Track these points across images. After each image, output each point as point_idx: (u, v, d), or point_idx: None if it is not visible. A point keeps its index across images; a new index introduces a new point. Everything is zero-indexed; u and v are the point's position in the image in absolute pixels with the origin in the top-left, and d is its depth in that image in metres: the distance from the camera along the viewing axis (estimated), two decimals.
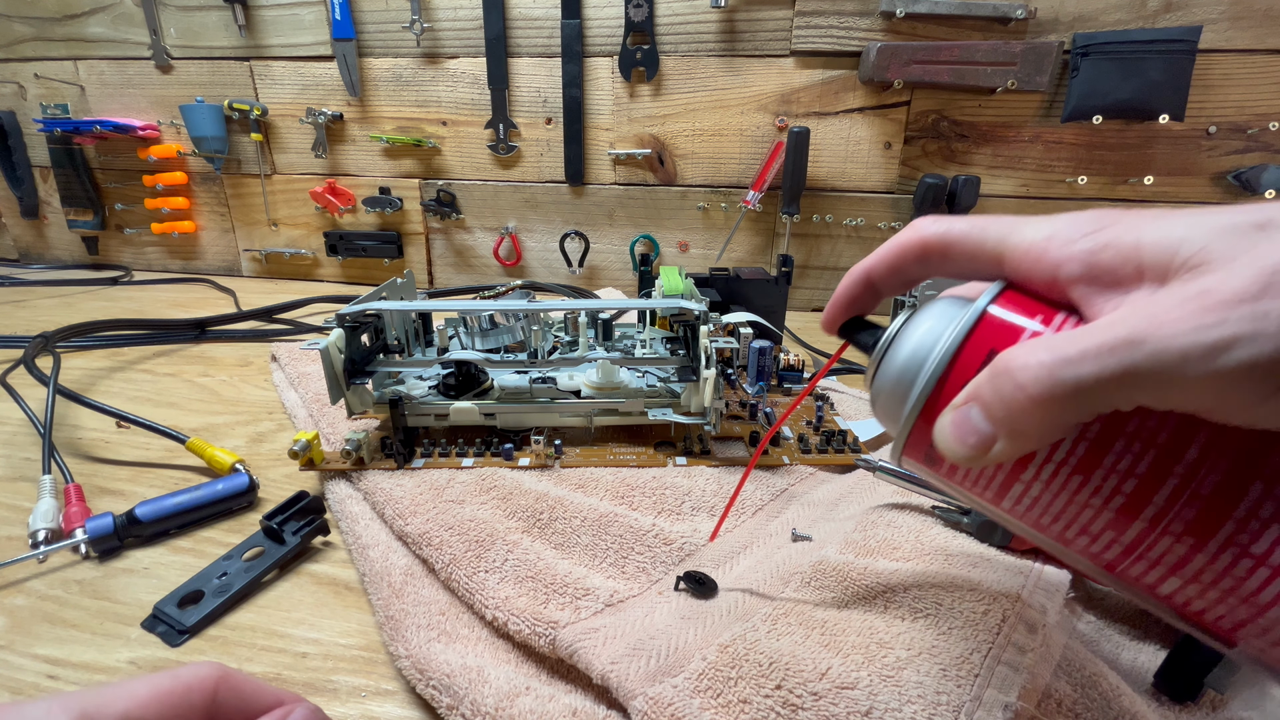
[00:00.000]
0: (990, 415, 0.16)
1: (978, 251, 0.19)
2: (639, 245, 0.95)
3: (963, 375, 0.18)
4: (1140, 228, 0.16)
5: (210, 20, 0.96)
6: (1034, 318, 0.18)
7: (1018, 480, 0.18)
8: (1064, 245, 0.17)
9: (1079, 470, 0.17)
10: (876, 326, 0.23)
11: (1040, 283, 0.18)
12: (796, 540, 0.35)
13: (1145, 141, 0.80)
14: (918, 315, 0.20)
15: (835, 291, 0.23)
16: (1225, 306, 0.13)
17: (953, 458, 0.17)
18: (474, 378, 0.47)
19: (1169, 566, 0.16)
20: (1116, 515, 0.17)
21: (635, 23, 0.84)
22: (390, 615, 0.30)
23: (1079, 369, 0.15)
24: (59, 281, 1.03)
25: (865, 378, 0.22)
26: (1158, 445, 0.16)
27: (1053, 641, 0.24)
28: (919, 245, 0.20)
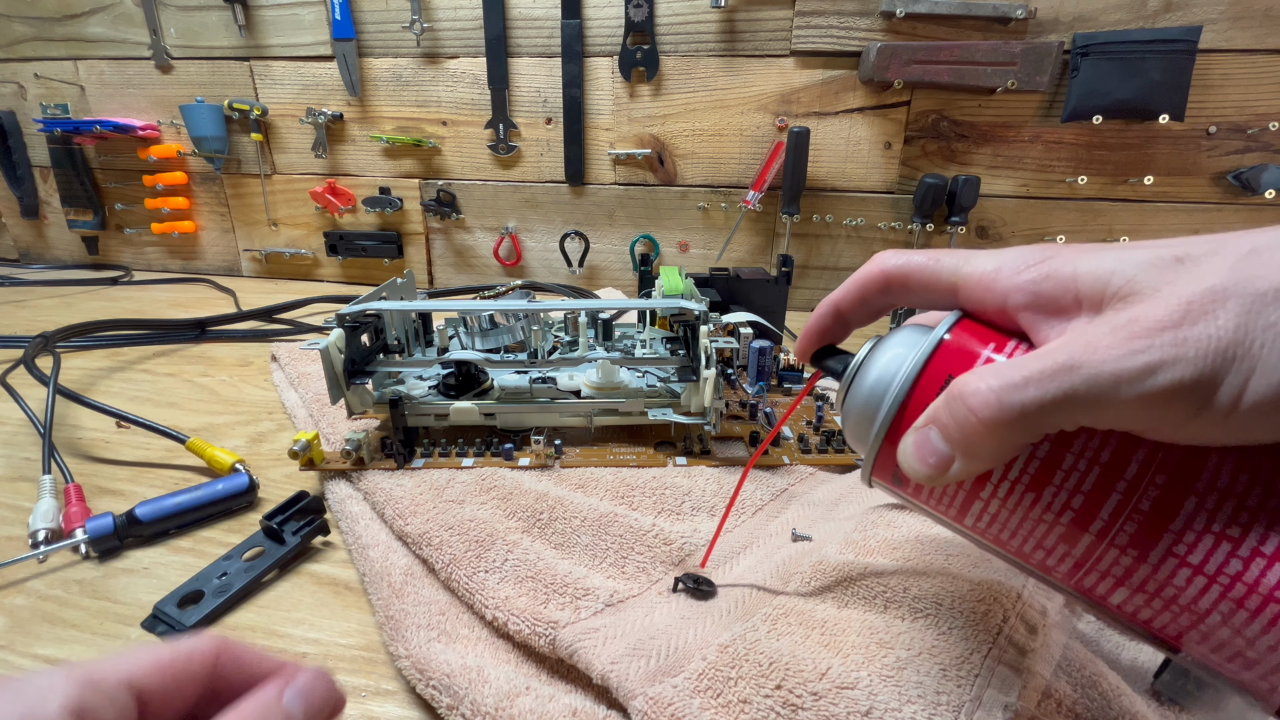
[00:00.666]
0: (948, 437, 0.18)
1: (934, 282, 0.21)
2: (639, 245, 0.95)
3: (923, 399, 0.19)
4: (1076, 260, 0.17)
5: (210, 20, 0.96)
6: (987, 345, 0.19)
7: (977, 498, 0.19)
8: (1011, 276, 0.19)
9: (1031, 487, 0.18)
10: (845, 354, 0.24)
11: (992, 311, 0.20)
12: (796, 540, 0.35)
13: (1145, 141, 0.80)
14: (881, 344, 0.22)
15: (807, 322, 0.25)
16: (1150, 334, 0.15)
17: (915, 477, 0.19)
18: (474, 378, 0.47)
19: (1117, 578, 0.18)
20: (1067, 529, 0.18)
21: (635, 23, 0.84)
22: (390, 615, 0.30)
23: (1023, 394, 0.16)
24: (59, 281, 1.03)
25: (835, 402, 0.23)
26: (1101, 463, 0.17)
27: (1053, 641, 0.24)
28: (881, 277, 0.22)
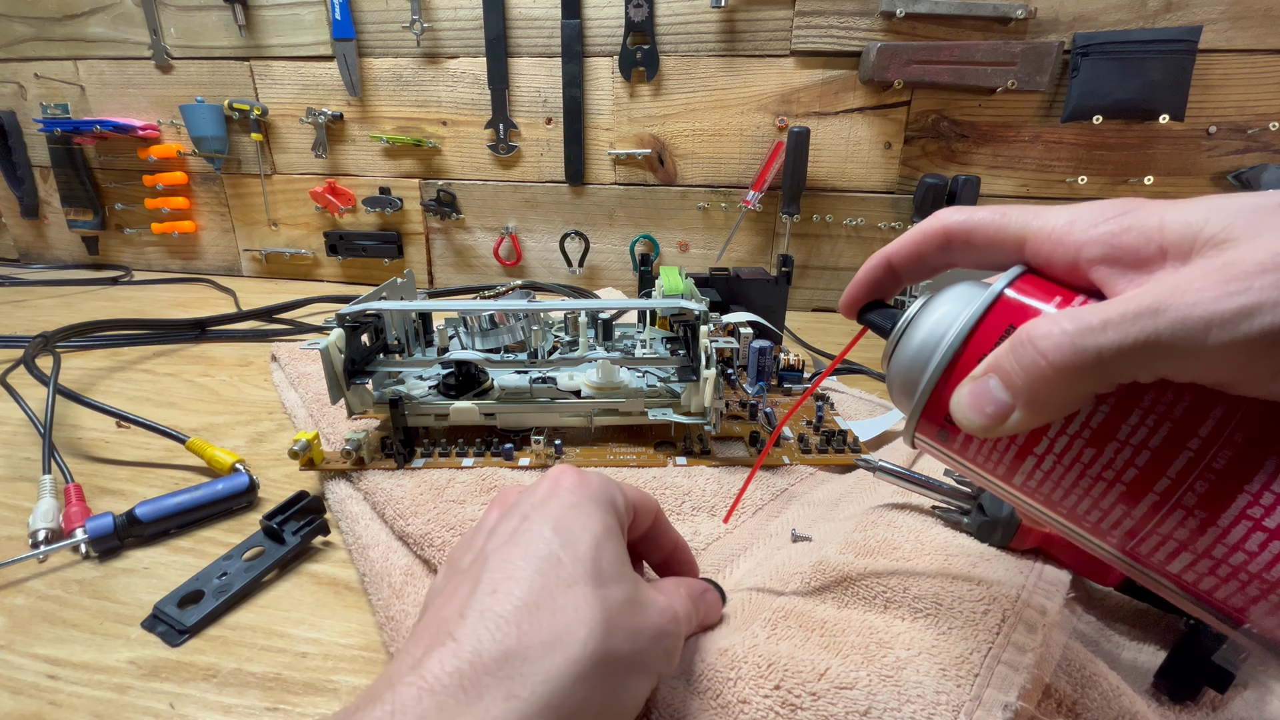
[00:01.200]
0: (1010, 384, 0.16)
1: (1000, 237, 0.19)
2: (639, 245, 0.95)
3: (979, 350, 0.18)
4: (1163, 211, 0.16)
5: (210, 20, 0.96)
6: (1052, 299, 0.18)
7: (1030, 453, 0.18)
8: (1086, 229, 0.17)
9: (1093, 443, 0.17)
10: (894, 310, 0.23)
11: (1062, 267, 0.18)
12: (796, 540, 0.35)
13: (1145, 141, 0.80)
14: (935, 298, 0.20)
15: (856, 275, 0.23)
16: (1249, 276, 0.14)
17: (969, 428, 0.18)
18: (474, 378, 0.47)
19: (1179, 543, 0.16)
20: (1128, 489, 0.17)
21: (635, 23, 0.84)
22: (391, 616, 0.30)
23: (1101, 337, 0.15)
24: (59, 281, 1.03)
25: (883, 358, 0.22)
26: (1174, 418, 0.16)
27: (1053, 641, 0.24)
28: (942, 232, 0.21)
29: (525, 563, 0.20)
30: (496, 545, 0.21)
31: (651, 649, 0.21)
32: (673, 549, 0.28)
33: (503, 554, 0.21)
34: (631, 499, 0.25)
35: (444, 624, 0.19)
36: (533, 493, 0.24)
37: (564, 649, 0.18)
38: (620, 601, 0.20)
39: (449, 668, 0.17)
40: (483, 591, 0.19)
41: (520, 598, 0.19)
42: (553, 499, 0.23)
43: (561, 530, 0.21)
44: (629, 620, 0.20)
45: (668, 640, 0.21)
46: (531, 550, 0.21)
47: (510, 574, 0.20)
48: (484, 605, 0.19)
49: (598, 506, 0.23)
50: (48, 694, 0.27)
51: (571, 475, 0.24)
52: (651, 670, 0.21)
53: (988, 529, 0.30)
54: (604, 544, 0.21)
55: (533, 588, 0.19)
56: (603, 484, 0.24)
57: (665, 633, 0.21)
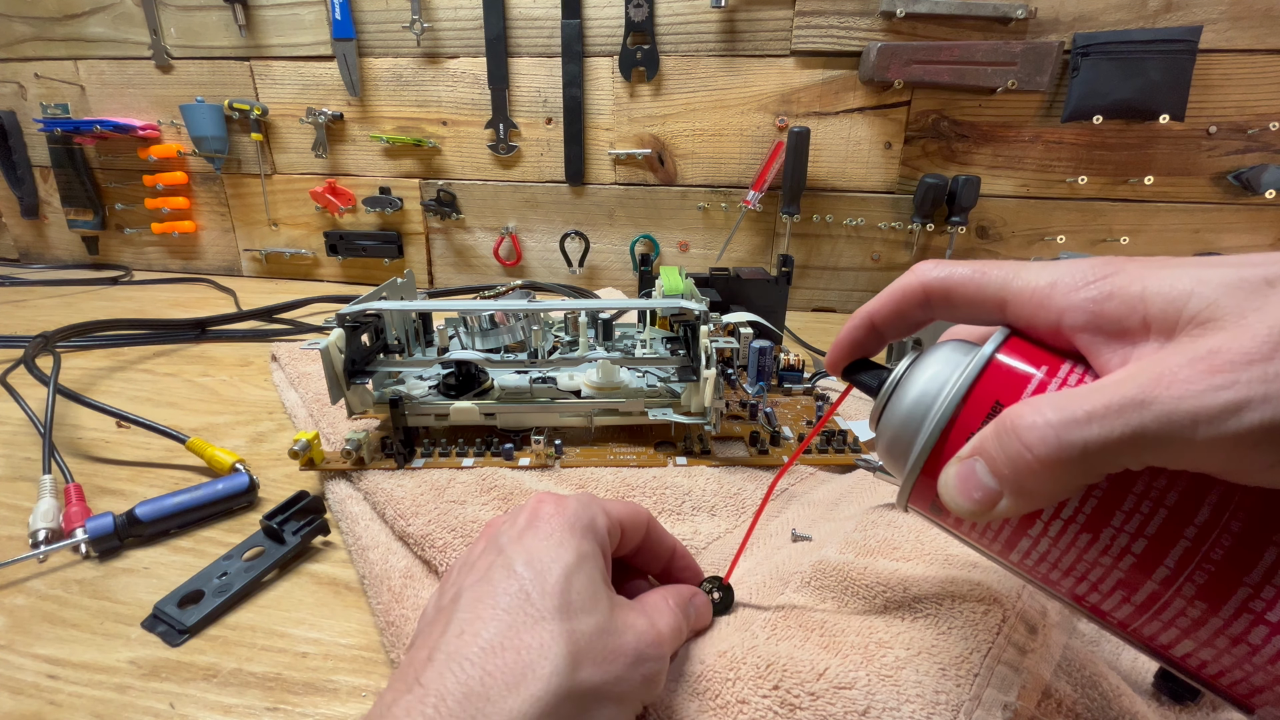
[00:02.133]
0: (996, 472, 0.16)
1: (979, 296, 0.19)
2: (639, 245, 0.95)
3: (967, 426, 0.18)
4: (1145, 278, 0.16)
5: (210, 20, 0.96)
6: (1039, 368, 0.17)
7: (1025, 535, 0.18)
8: (1067, 293, 0.17)
9: (1087, 528, 0.16)
10: (881, 368, 0.23)
11: (1044, 329, 0.18)
12: (796, 540, 0.35)
13: (1145, 141, 0.80)
14: (922, 360, 0.20)
15: (839, 334, 0.23)
16: (1235, 367, 0.13)
17: (957, 512, 0.17)
18: (474, 378, 0.47)
19: (1182, 629, 0.16)
20: (1127, 575, 0.16)
21: (635, 23, 0.84)
22: (391, 621, 0.30)
23: (1086, 431, 0.14)
24: (59, 281, 1.03)
25: (870, 419, 0.22)
26: (1168, 505, 0.15)
27: (1053, 641, 0.24)
28: (920, 289, 0.21)
29: (494, 601, 0.20)
30: (471, 582, 0.22)
31: (627, 675, 0.20)
32: (671, 556, 0.28)
33: (475, 592, 0.21)
34: (617, 516, 0.25)
35: (413, 668, 0.19)
36: (513, 523, 0.24)
37: (527, 687, 0.18)
38: (589, 632, 0.20)
39: (414, 713, 0.17)
40: (451, 634, 0.20)
41: (486, 639, 0.19)
42: (529, 530, 0.23)
43: (533, 563, 0.21)
44: (599, 649, 0.20)
45: (647, 665, 0.21)
46: (501, 588, 0.21)
47: (479, 613, 0.20)
48: (451, 648, 0.19)
49: (572, 534, 0.23)
50: (48, 694, 0.27)
51: (550, 504, 0.24)
52: (629, 698, 0.21)
53: None
54: (575, 574, 0.21)
55: (499, 627, 0.19)
56: (581, 507, 0.24)
57: (644, 657, 0.21)
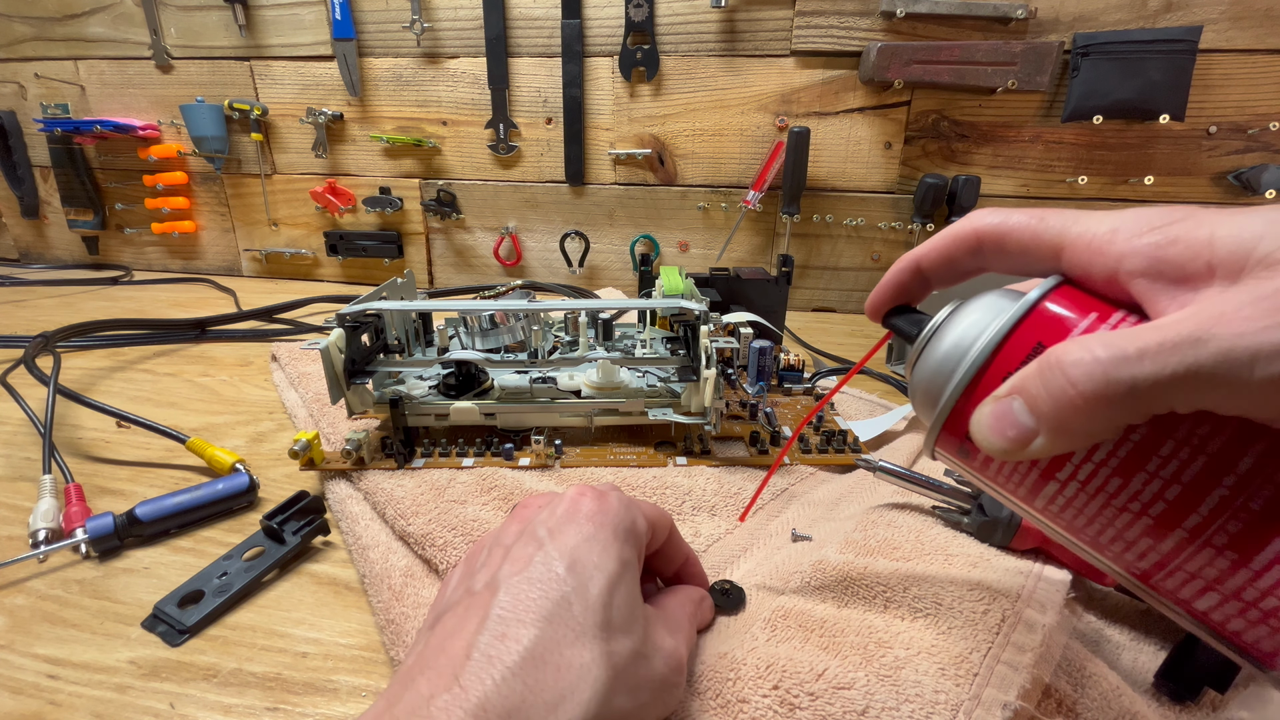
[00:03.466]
0: (1034, 409, 0.16)
1: (1034, 243, 0.18)
2: (639, 245, 0.95)
3: (1006, 366, 0.17)
4: (1214, 222, 0.15)
5: (210, 20, 0.96)
6: (1087, 314, 0.17)
7: (1053, 479, 0.17)
8: (1129, 239, 0.16)
9: (1120, 473, 0.16)
10: (921, 315, 0.22)
11: (1100, 278, 0.17)
12: (796, 540, 0.35)
13: (1145, 141, 0.80)
14: (965, 305, 0.20)
15: (883, 277, 0.22)
16: None
17: (988, 449, 0.17)
18: (474, 377, 0.47)
19: (1207, 581, 0.15)
20: (1155, 523, 0.16)
21: (635, 23, 0.84)
22: (391, 619, 0.30)
23: (1136, 368, 0.14)
24: (59, 281, 1.03)
25: (906, 366, 0.21)
26: (1209, 452, 0.15)
27: (1053, 641, 0.24)
28: (973, 235, 0.20)
29: (536, 605, 0.20)
30: (509, 574, 0.21)
31: (653, 703, 0.21)
32: (684, 563, 0.28)
33: (514, 589, 0.21)
34: (650, 519, 0.25)
35: (452, 662, 0.19)
36: (551, 512, 0.24)
37: (566, 710, 0.18)
38: (626, 655, 0.20)
39: (455, 718, 0.17)
40: (490, 632, 0.19)
41: (527, 647, 0.19)
42: (570, 525, 0.23)
43: (576, 569, 0.21)
44: (633, 676, 0.20)
45: (669, 693, 0.22)
46: (543, 590, 0.20)
47: (520, 616, 0.20)
48: (491, 650, 0.19)
49: (615, 538, 0.22)
50: (48, 694, 0.27)
51: (591, 500, 0.24)
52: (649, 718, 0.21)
53: (988, 529, 0.30)
54: (618, 587, 0.21)
55: (541, 637, 0.19)
56: (622, 509, 0.24)
57: (669, 684, 0.22)
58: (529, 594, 0.20)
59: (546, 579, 0.21)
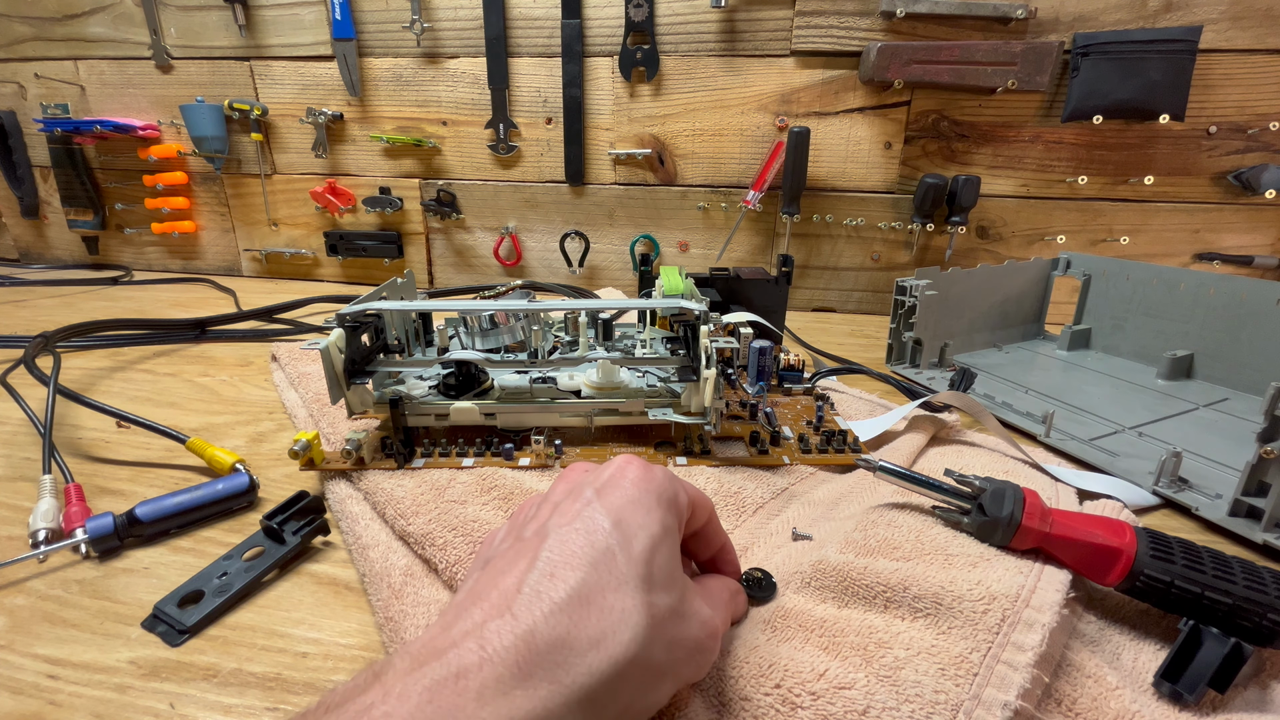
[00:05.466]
0: None
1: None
2: (639, 245, 0.95)
3: None
4: None
5: (210, 20, 0.96)
6: None
7: None
8: None
9: None
10: None
11: None
12: (796, 540, 0.35)
13: (1145, 141, 0.80)
14: None
15: None
16: None
17: None
18: (474, 378, 0.47)
19: None
20: None
21: (635, 23, 0.84)
22: (390, 616, 0.30)
23: None
24: (59, 281, 1.03)
25: None
26: None
27: (1053, 641, 0.24)
28: None
29: (582, 552, 0.21)
30: (557, 524, 0.22)
31: (685, 661, 0.21)
32: (720, 549, 0.28)
33: (563, 535, 0.22)
34: (692, 498, 0.26)
35: (504, 595, 0.20)
36: (598, 475, 0.24)
37: (607, 648, 0.19)
38: (665, 610, 0.21)
39: (507, 641, 0.18)
40: (540, 572, 0.20)
41: (574, 587, 0.20)
42: (616, 488, 0.23)
43: (621, 525, 0.22)
44: (670, 631, 0.21)
45: (702, 655, 0.22)
46: (590, 540, 0.21)
47: (568, 560, 0.21)
48: (540, 586, 0.20)
49: (659, 504, 0.23)
50: (48, 694, 0.27)
51: (638, 466, 0.24)
52: (681, 679, 0.22)
53: (988, 529, 0.30)
54: (659, 547, 0.22)
55: (586, 580, 0.20)
56: (667, 480, 0.24)
57: (702, 648, 0.22)
58: (576, 541, 0.21)
59: (592, 530, 0.22)
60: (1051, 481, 0.40)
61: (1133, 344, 0.66)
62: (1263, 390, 0.35)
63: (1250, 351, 0.57)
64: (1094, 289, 0.69)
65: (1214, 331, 0.59)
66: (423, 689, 0.17)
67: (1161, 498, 0.41)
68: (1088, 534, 0.28)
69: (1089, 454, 0.46)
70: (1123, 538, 0.28)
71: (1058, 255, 0.72)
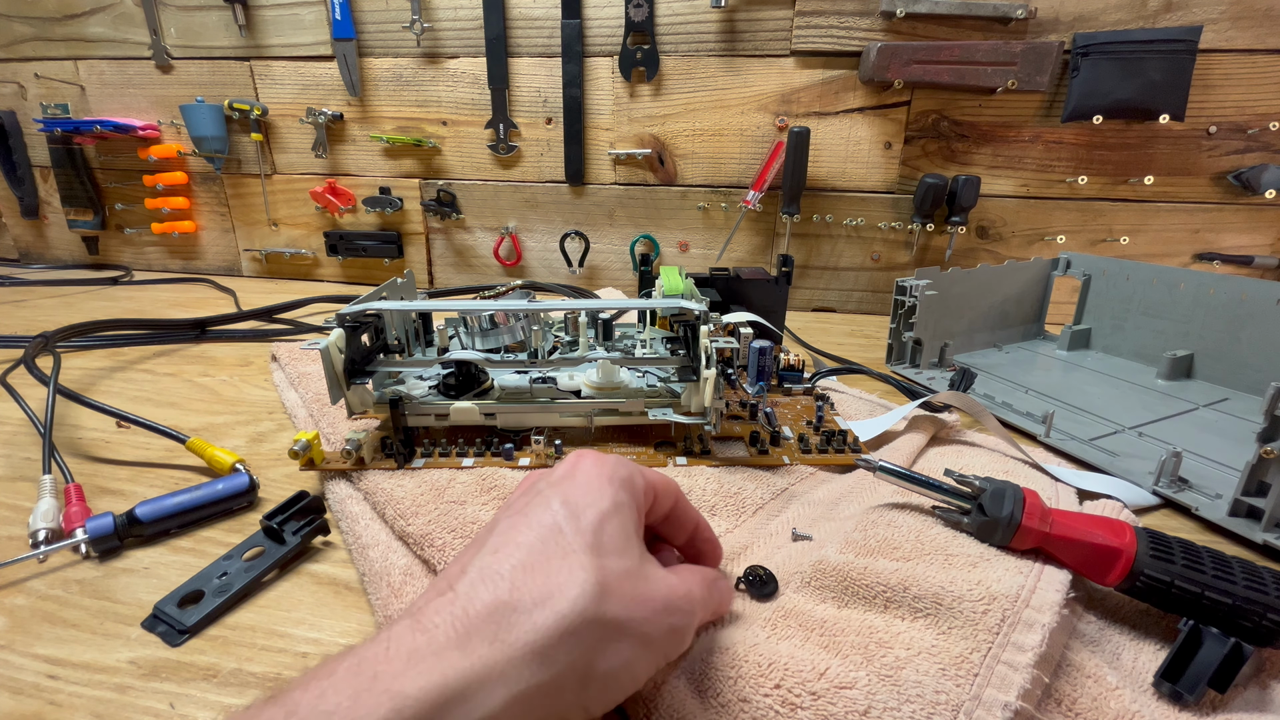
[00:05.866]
0: None
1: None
2: (639, 245, 0.95)
3: None
4: None
5: (210, 20, 0.96)
6: None
7: None
8: None
9: None
10: None
11: None
12: (796, 540, 0.35)
13: (1145, 141, 0.80)
14: None
15: None
16: None
17: None
18: (474, 378, 0.47)
19: None
20: None
21: (635, 23, 0.84)
22: (389, 616, 0.30)
23: None
24: (59, 281, 1.03)
25: None
26: None
27: (1053, 641, 0.24)
28: None
29: (529, 530, 0.22)
30: (506, 515, 0.23)
31: (654, 621, 0.21)
32: (694, 529, 0.28)
33: (510, 522, 0.22)
34: (651, 481, 0.26)
35: (447, 579, 0.21)
36: (552, 472, 0.25)
37: (553, 604, 0.19)
38: (618, 571, 0.21)
39: (443, 614, 0.19)
40: (485, 552, 0.21)
41: (519, 559, 0.20)
42: (567, 479, 0.24)
43: (569, 503, 0.22)
44: (628, 589, 0.21)
45: (675, 616, 0.22)
46: (536, 519, 0.22)
47: (513, 539, 0.21)
48: (484, 563, 0.20)
49: (610, 484, 0.23)
50: (48, 694, 0.27)
51: (590, 457, 0.25)
52: (654, 645, 0.21)
53: (988, 529, 0.30)
54: (610, 519, 0.22)
55: (532, 551, 0.21)
56: (619, 465, 0.25)
57: (673, 608, 0.22)
58: (522, 523, 0.22)
59: (541, 513, 0.22)
60: (1051, 481, 0.40)
61: (1133, 344, 0.66)
62: (1263, 390, 0.35)
63: (1250, 351, 0.57)
64: (1094, 289, 0.69)
65: (1214, 331, 0.59)
66: (348, 665, 0.17)
67: (1161, 498, 0.41)
68: (1088, 534, 0.28)
69: (1089, 454, 0.46)
70: (1123, 538, 0.28)
71: (1058, 255, 0.72)
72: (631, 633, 0.20)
